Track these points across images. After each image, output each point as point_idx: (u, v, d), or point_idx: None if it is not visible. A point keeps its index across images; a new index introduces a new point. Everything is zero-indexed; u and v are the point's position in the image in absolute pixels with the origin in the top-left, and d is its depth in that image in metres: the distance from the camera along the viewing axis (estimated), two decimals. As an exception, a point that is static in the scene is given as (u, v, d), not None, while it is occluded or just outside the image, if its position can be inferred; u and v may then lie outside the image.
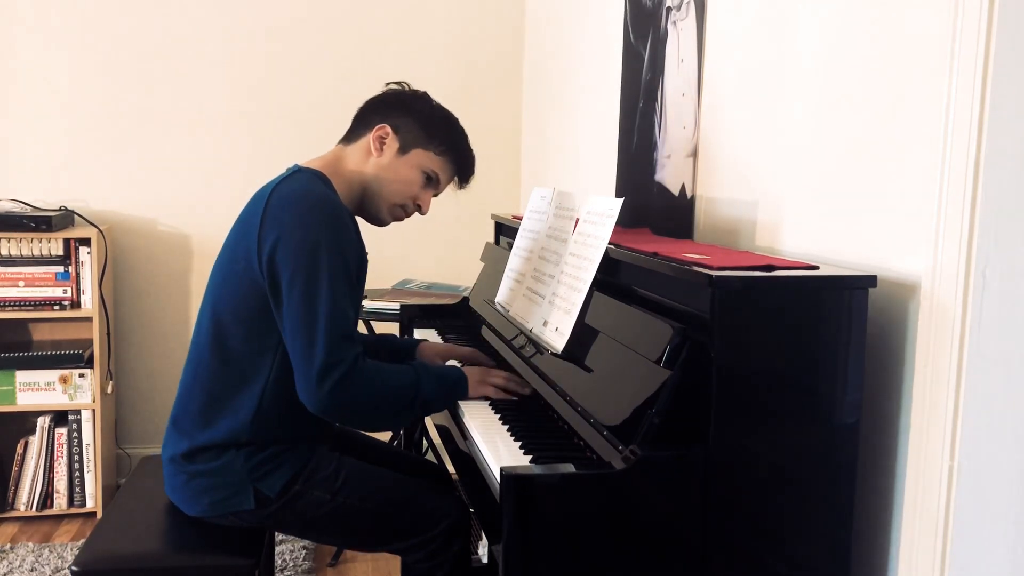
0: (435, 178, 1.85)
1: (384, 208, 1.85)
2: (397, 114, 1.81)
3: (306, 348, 1.59)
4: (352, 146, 1.82)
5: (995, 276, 1.22)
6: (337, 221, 1.65)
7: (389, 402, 1.68)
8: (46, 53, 3.20)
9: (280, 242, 1.61)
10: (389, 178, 1.80)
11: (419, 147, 1.81)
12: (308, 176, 1.73)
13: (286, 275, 1.60)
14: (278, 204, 1.65)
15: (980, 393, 1.24)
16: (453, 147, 1.85)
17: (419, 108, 1.83)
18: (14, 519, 3.07)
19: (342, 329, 1.61)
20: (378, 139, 1.79)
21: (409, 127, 1.80)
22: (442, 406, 1.81)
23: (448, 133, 1.84)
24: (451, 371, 1.82)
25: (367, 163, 1.80)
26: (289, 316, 1.61)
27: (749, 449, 1.30)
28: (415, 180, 1.82)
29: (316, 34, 3.33)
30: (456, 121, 1.88)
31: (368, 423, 1.76)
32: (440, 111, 1.86)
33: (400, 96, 1.85)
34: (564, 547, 1.26)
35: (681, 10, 2.04)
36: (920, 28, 1.31)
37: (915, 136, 1.32)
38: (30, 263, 2.99)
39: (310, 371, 1.59)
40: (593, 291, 1.64)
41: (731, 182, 1.84)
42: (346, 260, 1.65)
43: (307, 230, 1.61)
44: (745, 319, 1.28)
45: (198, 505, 1.72)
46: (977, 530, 1.27)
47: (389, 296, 2.78)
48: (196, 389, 1.72)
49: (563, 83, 3.01)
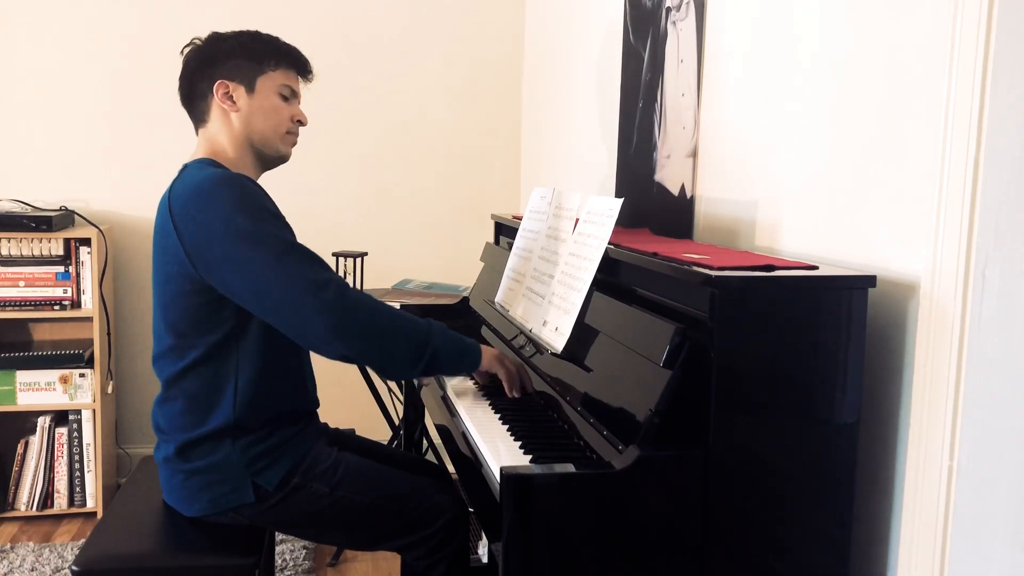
0: (289, 89, 1.84)
1: (278, 146, 1.83)
2: (218, 66, 1.79)
3: (286, 293, 1.58)
4: (210, 122, 1.81)
5: (995, 276, 1.22)
6: (238, 187, 1.65)
7: (395, 332, 1.64)
8: (46, 53, 3.21)
9: (201, 234, 1.62)
10: (259, 120, 1.79)
11: (259, 76, 1.80)
12: (198, 166, 1.74)
13: (226, 260, 1.60)
14: (180, 200, 1.66)
15: (980, 393, 1.24)
16: (277, 53, 1.83)
17: (228, 47, 1.81)
18: (14, 519, 3.07)
19: (306, 257, 1.62)
20: (224, 96, 1.78)
21: (237, 67, 1.79)
22: (451, 365, 1.74)
23: (265, 47, 1.83)
24: (468, 338, 1.79)
25: (232, 125, 1.79)
26: (253, 284, 1.60)
27: (749, 449, 1.30)
28: (279, 105, 1.81)
29: (316, 34, 3.33)
30: (259, 33, 1.87)
31: (371, 349, 1.64)
32: (240, 36, 1.84)
33: (204, 51, 1.82)
34: (564, 547, 1.26)
35: (681, 10, 2.04)
36: (920, 28, 1.31)
37: (915, 136, 1.32)
38: (30, 263, 2.99)
39: (302, 305, 1.58)
40: (593, 291, 1.65)
41: (731, 182, 1.84)
42: (267, 208, 1.66)
43: (217, 210, 1.61)
44: (745, 319, 1.28)
45: (197, 504, 1.72)
46: (977, 530, 1.27)
47: (389, 296, 2.78)
48: (173, 393, 1.73)
49: (563, 83, 3.02)
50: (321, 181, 3.39)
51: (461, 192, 3.53)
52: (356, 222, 3.45)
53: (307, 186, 3.38)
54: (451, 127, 3.49)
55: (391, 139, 3.45)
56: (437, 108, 3.47)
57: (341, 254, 2.89)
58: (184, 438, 1.71)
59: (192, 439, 1.71)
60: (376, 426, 3.03)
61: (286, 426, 1.75)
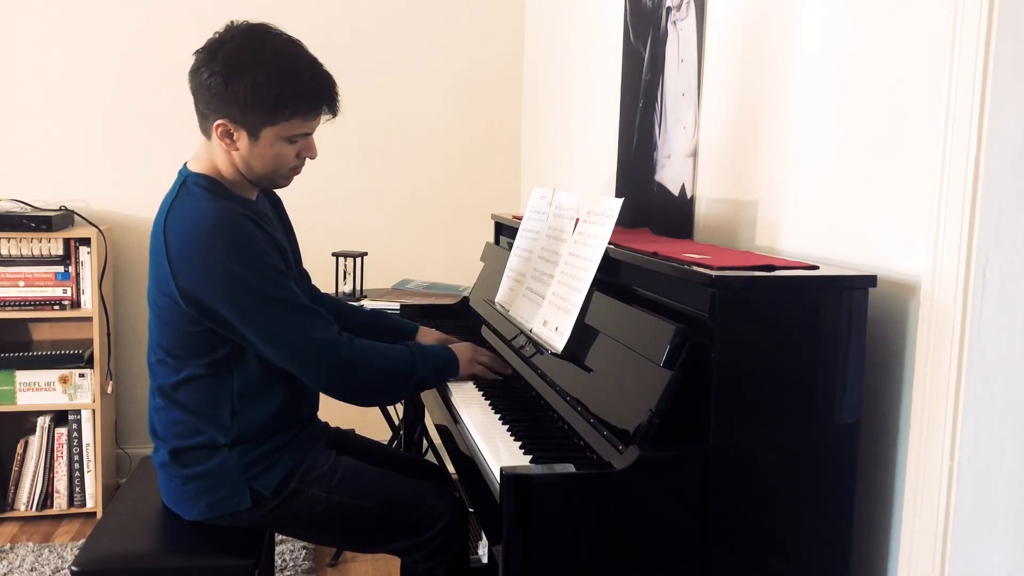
0: (301, 135, 1.66)
1: (275, 180, 1.72)
2: (223, 105, 1.59)
3: (290, 351, 1.64)
4: (211, 141, 1.66)
5: (995, 276, 1.22)
6: (239, 235, 1.59)
7: (388, 375, 1.74)
8: (46, 53, 3.20)
9: (197, 281, 1.59)
10: (259, 164, 1.65)
11: (266, 126, 1.60)
12: (196, 191, 1.65)
13: (228, 314, 1.60)
14: (177, 237, 1.60)
15: (980, 393, 1.24)
16: (296, 101, 1.59)
17: (235, 91, 1.56)
18: (14, 519, 3.07)
19: (308, 315, 1.66)
20: (224, 135, 1.62)
21: (244, 113, 1.58)
22: (433, 383, 1.87)
23: (282, 94, 1.58)
24: (443, 351, 1.88)
25: (231, 157, 1.66)
26: (256, 338, 1.63)
27: (749, 449, 1.30)
28: (284, 152, 1.65)
29: (316, 35, 3.31)
30: (283, 64, 1.58)
31: (368, 396, 1.79)
32: (264, 73, 1.56)
33: (210, 86, 1.58)
34: (564, 547, 1.26)
35: (681, 10, 2.04)
36: (920, 28, 1.31)
37: (915, 136, 1.32)
38: (30, 263, 2.99)
39: (306, 363, 1.65)
40: (593, 291, 1.64)
41: (731, 182, 1.84)
42: (268, 263, 1.63)
43: (218, 262, 1.57)
44: (745, 319, 1.28)
45: (196, 508, 1.72)
46: (977, 530, 1.27)
47: (389, 296, 2.78)
48: (167, 403, 1.72)
49: (563, 83, 3.01)
50: (321, 181, 3.39)
51: (461, 192, 3.52)
52: (356, 222, 3.45)
53: (307, 186, 3.35)
54: (451, 127, 3.49)
55: (391, 139, 3.45)
56: (437, 108, 3.47)
57: (341, 254, 2.89)
58: (180, 444, 1.71)
59: (188, 446, 1.70)
60: (376, 426, 3.03)
61: (283, 431, 1.74)
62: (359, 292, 2.83)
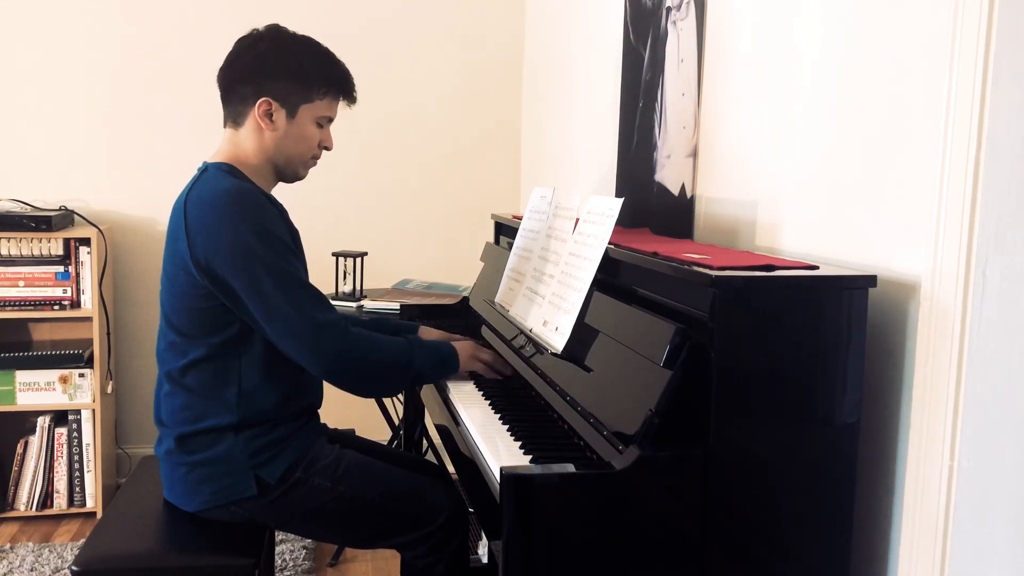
0: (327, 119, 1.83)
1: (299, 169, 1.84)
2: (270, 80, 1.74)
3: (292, 327, 1.64)
4: (242, 128, 1.78)
5: (995, 276, 1.22)
6: (257, 208, 1.67)
7: (387, 364, 1.75)
8: (47, 53, 3.20)
9: (212, 249, 1.63)
10: (291, 144, 1.78)
11: (304, 103, 1.76)
12: (217, 173, 1.73)
13: (235, 282, 1.63)
14: (196, 209, 1.67)
15: (980, 393, 1.24)
16: (329, 82, 1.79)
17: (286, 64, 1.75)
18: (14, 519, 3.07)
19: (312, 295, 1.68)
20: (264, 115, 1.75)
21: (288, 89, 1.75)
22: (433, 377, 1.88)
23: (320, 72, 1.78)
24: (443, 345, 1.89)
25: (264, 140, 1.77)
26: (260, 311, 1.64)
27: (749, 449, 1.30)
28: (313, 135, 1.80)
29: (316, 35, 3.32)
30: (319, 48, 1.80)
31: (366, 384, 1.79)
32: (301, 49, 1.78)
33: (262, 60, 1.76)
34: (564, 547, 1.26)
35: (681, 10, 2.04)
36: (920, 28, 1.31)
37: (915, 136, 1.32)
38: (30, 263, 2.99)
39: (305, 342, 1.65)
40: (593, 291, 1.64)
41: (731, 182, 1.84)
42: (280, 238, 1.68)
43: (233, 229, 1.63)
44: (745, 319, 1.28)
45: (199, 497, 1.72)
46: (977, 530, 1.27)
47: (389, 296, 2.78)
48: (174, 388, 1.74)
49: (563, 83, 3.01)
50: (321, 181, 3.38)
51: (461, 192, 3.52)
52: (356, 222, 3.45)
53: (307, 186, 3.34)
54: (451, 127, 3.49)
55: (391, 139, 3.45)
56: (437, 108, 3.47)
57: (341, 254, 2.89)
58: (186, 430, 1.72)
59: (194, 431, 1.71)
60: (376, 426, 3.03)
61: (289, 420, 1.76)
62: (359, 292, 2.83)
